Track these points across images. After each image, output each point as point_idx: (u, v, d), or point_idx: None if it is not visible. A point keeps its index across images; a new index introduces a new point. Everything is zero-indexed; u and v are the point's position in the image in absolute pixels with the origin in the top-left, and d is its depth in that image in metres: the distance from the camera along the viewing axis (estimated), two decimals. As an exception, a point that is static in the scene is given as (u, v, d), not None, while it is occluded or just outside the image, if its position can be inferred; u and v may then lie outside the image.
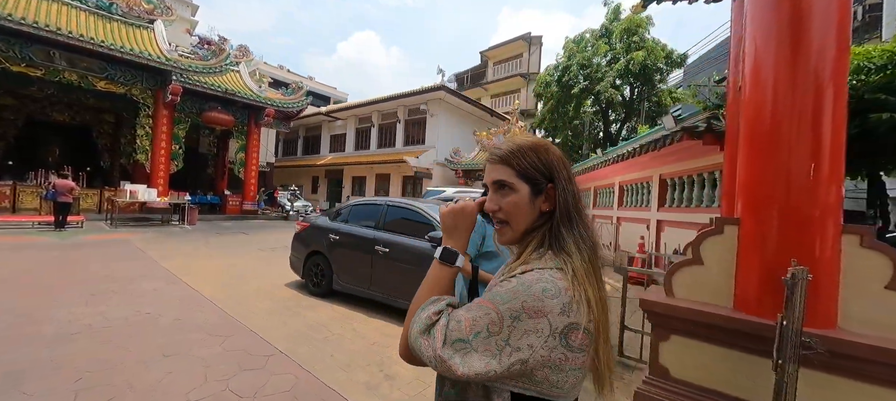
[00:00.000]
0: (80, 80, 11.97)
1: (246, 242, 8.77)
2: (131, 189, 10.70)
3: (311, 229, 4.79)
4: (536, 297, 0.56)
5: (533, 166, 0.67)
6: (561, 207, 0.66)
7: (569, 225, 0.66)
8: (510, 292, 0.58)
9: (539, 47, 30.92)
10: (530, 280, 0.58)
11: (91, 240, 7.78)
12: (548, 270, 0.60)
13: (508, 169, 0.68)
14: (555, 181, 0.67)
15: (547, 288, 0.57)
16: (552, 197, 0.68)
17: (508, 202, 0.68)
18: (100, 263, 5.69)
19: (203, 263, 6.19)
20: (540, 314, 0.56)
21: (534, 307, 0.56)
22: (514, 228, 0.69)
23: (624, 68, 13.96)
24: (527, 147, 0.69)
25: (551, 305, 0.56)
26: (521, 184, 0.67)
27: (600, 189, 10.21)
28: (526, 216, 0.68)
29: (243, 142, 16.32)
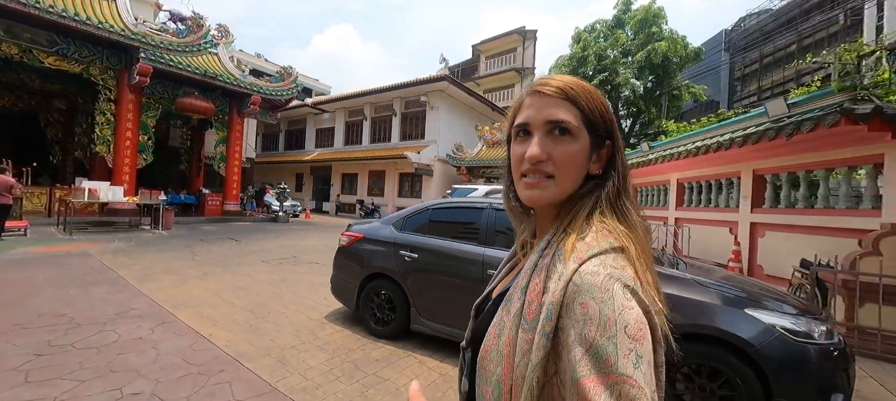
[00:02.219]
0: (23, 54, 9.83)
1: (242, 252, 7.20)
2: (90, 187, 8.79)
3: (366, 243, 3.45)
4: (627, 308, 0.42)
5: (600, 114, 0.53)
6: (620, 170, 0.54)
7: (627, 194, 0.54)
8: (601, 329, 0.41)
9: (534, 42, 30.15)
10: (600, 285, 0.43)
11: (38, 254, 6.00)
12: (607, 255, 0.46)
13: (573, 109, 0.52)
14: (614, 139, 0.55)
15: (625, 285, 0.43)
16: (604, 158, 0.55)
17: (565, 151, 0.52)
18: (51, 289, 4.08)
19: (198, 285, 4.67)
20: (643, 327, 0.42)
21: (635, 324, 0.41)
22: (561, 187, 0.52)
23: (644, 60, 13.21)
24: (591, 88, 0.54)
25: (640, 305, 0.43)
26: (583, 132, 0.52)
27: (646, 187, 9.30)
28: (579, 174, 0.53)
29: (224, 134, 14.39)
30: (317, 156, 23.50)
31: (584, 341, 0.42)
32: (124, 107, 11.31)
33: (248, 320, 3.52)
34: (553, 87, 0.53)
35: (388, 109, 20.69)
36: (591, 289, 0.43)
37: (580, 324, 0.42)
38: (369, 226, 3.58)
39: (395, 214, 3.55)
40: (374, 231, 3.45)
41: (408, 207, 3.64)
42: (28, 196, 10.61)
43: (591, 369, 0.40)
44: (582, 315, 0.43)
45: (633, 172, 9.33)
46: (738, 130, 5.76)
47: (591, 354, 0.41)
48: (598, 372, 0.40)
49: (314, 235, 10.73)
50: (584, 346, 0.41)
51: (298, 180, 25.35)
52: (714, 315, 2.02)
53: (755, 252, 5.57)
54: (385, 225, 3.46)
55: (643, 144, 8.79)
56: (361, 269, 3.38)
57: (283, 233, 10.79)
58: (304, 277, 5.46)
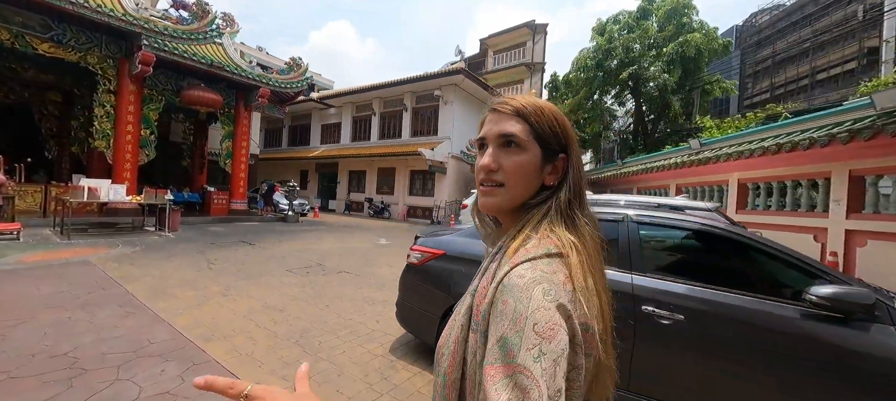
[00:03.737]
0: (15, 40, 9.01)
1: (260, 259, 6.47)
2: (90, 185, 8.02)
3: (449, 262, 2.74)
4: (542, 308, 0.45)
5: (550, 128, 0.58)
6: (574, 181, 0.58)
7: (579, 204, 0.58)
8: (512, 324, 0.44)
9: (544, 36, 29.35)
10: (523, 285, 0.46)
11: (32, 263, 5.26)
12: (539, 259, 0.49)
13: (523, 124, 0.57)
14: (569, 151, 0.59)
15: (546, 288, 0.46)
16: (560, 170, 0.59)
17: (514, 162, 0.57)
18: (47, 313, 3.35)
19: (223, 304, 3.95)
20: (555, 328, 0.44)
21: (546, 324, 0.44)
22: (511, 195, 0.58)
23: (675, 53, 12.52)
24: (544, 106, 0.59)
25: (558, 308, 0.45)
26: (533, 144, 0.57)
27: (693, 187, 8.61)
28: (529, 183, 0.58)
29: (230, 128, 13.60)
30: (322, 152, 22.74)
31: (496, 334, 0.45)
32: (125, 99, 10.51)
33: (298, 360, 2.80)
34: (508, 106, 0.58)
35: (398, 104, 19.92)
36: (513, 289, 0.46)
37: (498, 320, 0.46)
38: (449, 239, 2.87)
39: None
40: (461, 247, 2.74)
41: None
42: (21, 195, 9.82)
43: (496, 359, 0.43)
44: (500, 312, 0.46)
45: (678, 171, 8.65)
46: (831, 125, 5.08)
47: (498, 345, 0.44)
48: (500, 362, 0.43)
49: (330, 237, 10.01)
50: (496, 338, 0.45)
51: (303, 177, 24.57)
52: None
53: (853, 263, 4.90)
54: (473, 238, 2.75)
55: (693, 141, 8.12)
56: (445, 295, 2.67)
57: (297, 234, 10.06)
58: (341, 290, 4.75)
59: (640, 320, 2.01)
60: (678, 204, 4.15)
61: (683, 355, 1.93)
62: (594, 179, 13.00)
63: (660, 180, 9.64)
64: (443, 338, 0.57)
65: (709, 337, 1.89)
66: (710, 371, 1.88)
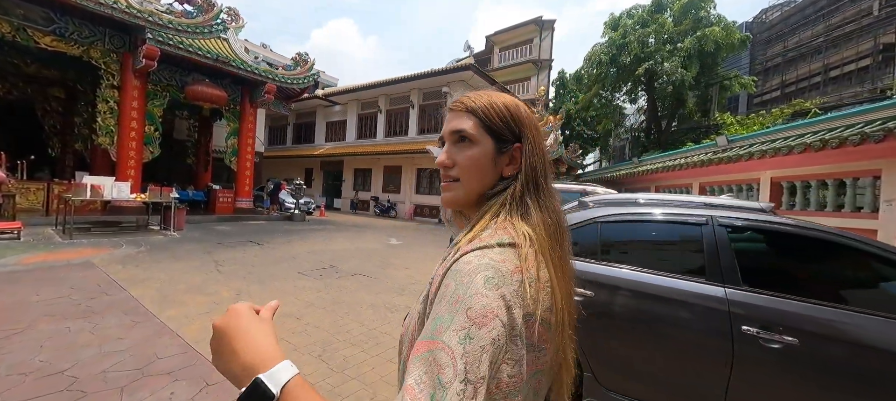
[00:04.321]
0: (16, 33, 8.75)
1: (270, 260, 6.19)
2: (93, 183, 7.75)
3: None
4: (479, 294, 0.44)
5: (501, 119, 0.58)
6: (527, 170, 0.57)
7: (534, 192, 0.56)
8: (448, 305, 0.44)
9: (551, 32, 28.88)
10: (467, 271, 0.46)
11: (32, 263, 4.98)
12: (491, 248, 0.48)
13: (472, 119, 0.58)
14: (523, 140, 0.58)
15: (489, 276, 0.45)
16: (517, 159, 0.58)
17: (467, 157, 0.58)
18: (46, 322, 3.07)
19: (235, 311, 3.64)
20: (489, 316, 0.43)
21: (480, 310, 0.43)
22: (466, 188, 0.59)
23: (693, 47, 12.13)
24: (496, 99, 0.59)
25: (498, 297, 0.44)
26: (484, 137, 0.58)
27: (718, 186, 8.26)
28: (483, 176, 0.58)
29: (236, 125, 13.32)
30: (328, 150, 22.46)
31: (434, 313, 0.45)
32: (129, 94, 10.24)
33: (325, 378, 2.50)
34: (461, 105, 0.60)
35: (404, 101, 19.60)
36: (457, 273, 0.46)
37: (438, 301, 0.46)
38: None
39: None
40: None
41: None
42: (23, 192, 9.59)
43: (425, 335, 0.43)
44: (441, 293, 0.46)
45: (701, 169, 8.30)
46: (882, 119, 4.73)
47: (430, 322, 0.44)
48: (427, 337, 0.43)
49: (339, 236, 9.72)
50: (433, 317, 0.45)
51: (307, 176, 24.30)
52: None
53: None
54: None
55: (719, 138, 7.77)
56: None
57: (305, 234, 9.78)
58: (358, 296, 4.45)
59: (740, 343, 1.69)
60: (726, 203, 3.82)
61: (799, 388, 1.61)
62: (608, 177, 12.66)
63: (680, 179, 9.28)
64: (404, 326, 0.57)
65: (834, 367, 1.57)
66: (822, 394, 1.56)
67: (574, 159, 15.25)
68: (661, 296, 1.91)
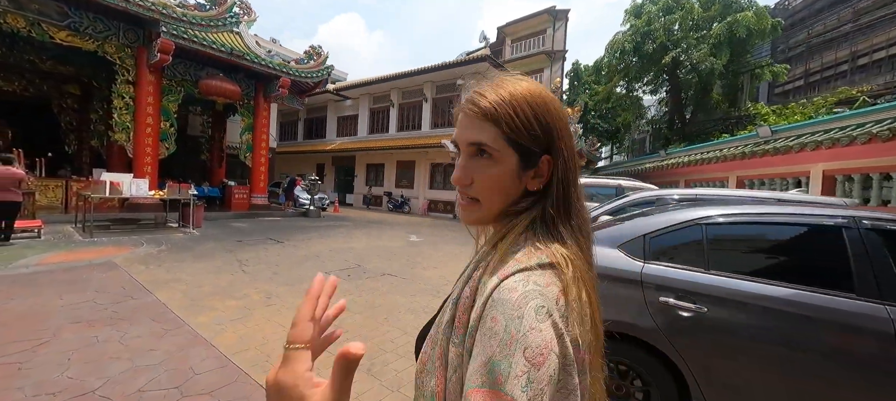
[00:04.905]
0: (31, 28, 8.61)
1: (293, 259, 5.97)
2: (112, 180, 7.61)
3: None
4: (534, 330, 0.40)
5: (527, 129, 0.49)
6: (558, 189, 0.50)
7: (566, 211, 0.50)
8: (502, 347, 0.40)
9: (565, 22, 28.11)
10: (515, 302, 0.42)
11: (54, 263, 4.82)
12: (532, 271, 0.44)
13: (493, 129, 0.49)
14: (553, 152, 0.50)
15: (539, 305, 0.41)
16: (545, 172, 0.51)
17: (487, 177, 0.50)
18: (71, 330, 2.86)
19: (269, 318, 3.43)
20: (545, 352, 0.40)
21: (536, 349, 0.40)
22: (488, 210, 0.52)
23: (724, 34, 11.54)
24: (521, 100, 0.49)
25: (550, 330, 0.41)
26: (508, 152, 0.49)
27: (759, 180, 7.81)
28: (506, 195, 0.51)
29: (250, 120, 13.15)
30: (339, 145, 22.28)
31: (484, 354, 0.41)
32: (144, 89, 10.10)
33: (378, 394, 2.24)
34: (476, 107, 0.50)
35: (417, 95, 19.26)
36: (504, 304, 0.42)
37: (486, 337, 0.42)
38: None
39: (615, 229, 2.22)
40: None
41: (635, 216, 2.30)
42: (42, 190, 9.54)
43: (483, 383, 0.40)
44: (490, 329, 0.42)
45: (740, 162, 7.85)
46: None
47: (486, 368, 0.40)
48: (486, 387, 0.40)
49: (358, 233, 9.50)
50: (483, 358, 0.41)
51: (319, 171, 24.18)
52: None
53: None
54: (605, 246, 2.13)
55: (762, 129, 7.31)
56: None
57: (324, 231, 9.58)
58: (393, 298, 4.19)
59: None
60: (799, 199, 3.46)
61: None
62: (632, 171, 12.22)
63: (715, 172, 8.84)
64: (424, 354, 0.51)
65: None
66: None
67: (593, 153, 14.79)
68: (799, 314, 1.59)
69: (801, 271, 1.72)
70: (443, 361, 0.48)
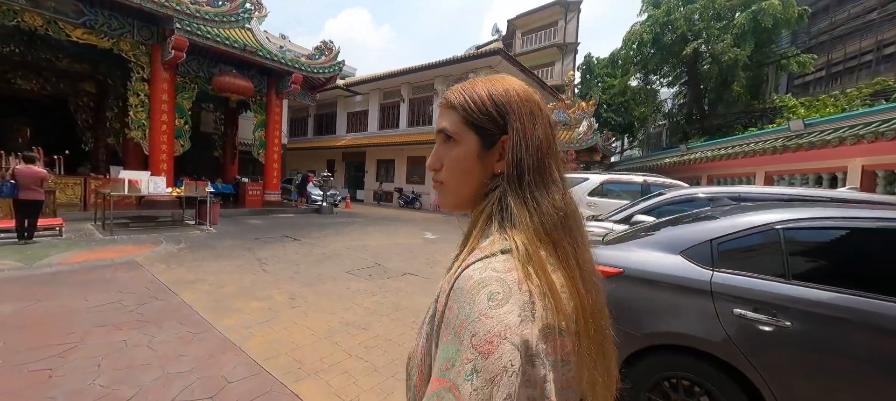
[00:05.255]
0: (48, 26, 8.64)
1: (313, 258, 5.90)
2: (130, 178, 7.63)
3: (634, 286, 1.97)
4: (483, 316, 0.39)
5: (480, 110, 0.51)
6: (511, 164, 0.50)
7: (518, 187, 0.49)
8: (454, 334, 0.41)
9: (577, 14, 27.62)
10: (469, 289, 0.42)
11: (77, 263, 4.81)
12: (494, 257, 0.44)
13: (453, 114, 0.53)
14: (509, 130, 0.51)
15: (493, 292, 0.41)
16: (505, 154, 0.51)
17: (450, 158, 0.53)
18: (97, 334, 2.80)
19: (295, 320, 3.34)
20: (495, 341, 0.39)
21: (484, 336, 0.39)
22: (452, 192, 0.54)
23: (748, 23, 11.11)
24: (481, 87, 0.53)
25: (504, 316, 0.39)
26: (467, 133, 0.52)
27: (789, 175, 7.51)
28: (470, 178, 0.53)
29: (263, 117, 13.13)
30: (349, 141, 22.24)
31: (442, 343, 0.42)
32: (159, 87, 10.10)
33: None
34: (445, 100, 0.55)
35: (428, 90, 19.07)
36: (460, 293, 0.42)
37: (445, 328, 0.42)
38: (628, 252, 2.09)
39: (672, 233, 2.06)
40: (649, 263, 1.96)
41: (684, 217, 2.14)
42: (61, 188, 9.65)
43: (437, 370, 0.41)
44: (447, 319, 0.42)
45: (770, 157, 7.54)
46: None
47: (440, 355, 0.41)
48: (438, 373, 0.40)
49: (373, 231, 9.42)
50: (441, 347, 0.42)
51: (329, 167, 24.18)
52: None
53: None
54: (664, 251, 1.97)
55: (794, 122, 7.01)
56: (628, 334, 1.91)
57: (338, 228, 9.52)
58: (418, 300, 4.08)
59: None
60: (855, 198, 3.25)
61: None
62: (650, 166, 11.92)
63: (741, 168, 8.54)
64: (412, 348, 0.53)
65: None
66: None
67: (608, 147, 14.45)
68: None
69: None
70: (425, 355, 0.48)
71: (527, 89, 0.54)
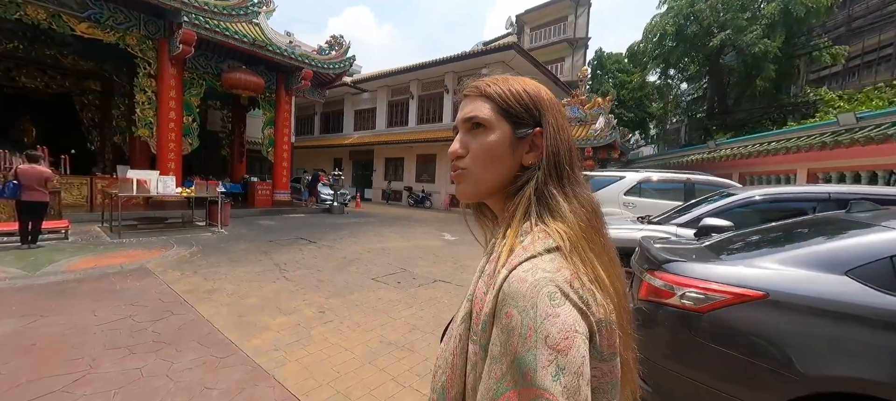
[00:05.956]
0: (52, 20, 8.31)
1: (335, 263, 5.53)
2: (139, 177, 7.27)
3: (786, 314, 1.56)
4: (549, 316, 0.39)
5: (519, 102, 0.52)
6: (549, 157, 0.50)
7: (558, 181, 0.50)
8: (523, 340, 0.40)
9: (587, 8, 27.06)
10: (525, 293, 0.41)
11: (83, 271, 4.45)
12: (539, 257, 0.44)
13: (487, 103, 0.53)
14: (543, 124, 0.52)
15: (552, 292, 0.41)
16: (539, 146, 0.52)
17: (480, 143, 0.52)
18: (110, 358, 2.44)
19: (329, 339, 2.96)
20: (570, 335, 0.39)
21: (558, 334, 0.39)
22: (476, 179, 0.53)
23: (778, 12, 10.58)
24: (514, 82, 0.54)
25: (568, 312, 0.40)
26: (501, 122, 0.52)
27: (831, 173, 7.06)
28: (499, 165, 0.52)
29: (272, 114, 12.78)
30: (357, 139, 21.88)
31: (508, 354, 0.41)
32: (166, 83, 9.75)
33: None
34: (475, 89, 0.55)
35: (438, 86, 18.64)
36: (516, 297, 0.42)
37: (505, 335, 0.41)
38: (767, 271, 1.68)
39: (836, 245, 1.65)
40: (806, 288, 1.55)
41: (824, 223, 1.72)
42: (67, 188, 9.33)
43: (513, 384, 0.40)
44: (506, 326, 0.41)
45: (815, 153, 7.07)
46: None
47: (513, 367, 0.40)
48: (517, 386, 0.39)
49: (389, 232, 9.04)
50: (509, 358, 0.40)
51: (336, 166, 23.81)
52: None
53: None
54: (820, 270, 1.56)
55: (844, 116, 6.55)
56: (783, 377, 1.49)
57: (352, 229, 9.15)
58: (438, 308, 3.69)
59: None
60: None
61: None
62: (675, 162, 11.46)
63: (780, 165, 8.08)
64: (441, 348, 0.54)
65: None
66: None
67: (626, 144, 13.96)
68: None
69: None
70: (458, 357, 0.48)
71: (555, 98, 0.55)
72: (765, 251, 1.86)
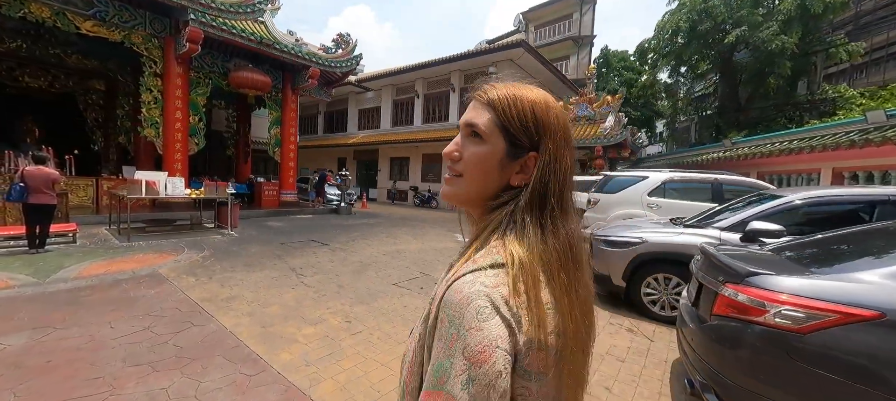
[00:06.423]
0: (56, 17, 8.13)
1: (352, 267, 5.35)
2: (147, 178, 7.10)
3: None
4: (472, 328, 0.41)
5: (520, 120, 0.50)
6: (535, 185, 0.50)
7: (539, 211, 0.49)
8: (445, 346, 0.42)
9: (592, 5, 26.83)
10: (458, 302, 0.42)
11: (95, 276, 4.28)
12: (483, 271, 0.44)
13: (490, 113, 0.52)
14: (540, 149, 0.51)
15: (481, 307, 0.41)
16: (529, 169, 0.51)
17: (472, 153, 0.52)
18: (135, 379, 2.26)
19: (360, 353, 2.79)
20: (489, 351, 0.40)
21: (476, 347, 0.40)
22: (466, 188, 0.53)
23: (795, 9, 10.37)
24: (524, 98, 0.51)
25: (494, 328, 0.41)
26: (497, 136, 0.51)
27: (859, 172, 6.86)
28: (486, 179, 0.52)
29: (278, 113, 12.60)
30: (361, 138, 21.68)
31: (434, 356, 0.43)
32: (172, 82, 9.58)
33: None
34: (484, 95, 0.54)
35: (444, 85, 18.45)
36: (449, 305, 0.43)
37: (437, 339, 0.43)
38: (877, 289, 1.50)
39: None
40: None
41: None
42: (72, 189, 9.16)
43: (430, 384, 0.42)
44: (439, 331, 0.43)
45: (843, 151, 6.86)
46: None
47: (433, 369, 0.42)
48: (432, 387, 0.41)
49: (400, 232, 8.87)
50: (433, 360, 0.43)
51: (340, 165, 23.66)
52: None
53: None
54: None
55: (873, 113, 6.36)
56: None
57: (363, 230, 8.98)
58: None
59: None
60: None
61: None
62: (688, 161, 11.26)
63: (803, 164, 7.88)
64: (407, 344, 0.55)
65: None
66: None
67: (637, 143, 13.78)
68: None
69: None
70: (416, 353, 0.49)
71: (564, 112, 0.53)
72: (863, 264, 1.68)
